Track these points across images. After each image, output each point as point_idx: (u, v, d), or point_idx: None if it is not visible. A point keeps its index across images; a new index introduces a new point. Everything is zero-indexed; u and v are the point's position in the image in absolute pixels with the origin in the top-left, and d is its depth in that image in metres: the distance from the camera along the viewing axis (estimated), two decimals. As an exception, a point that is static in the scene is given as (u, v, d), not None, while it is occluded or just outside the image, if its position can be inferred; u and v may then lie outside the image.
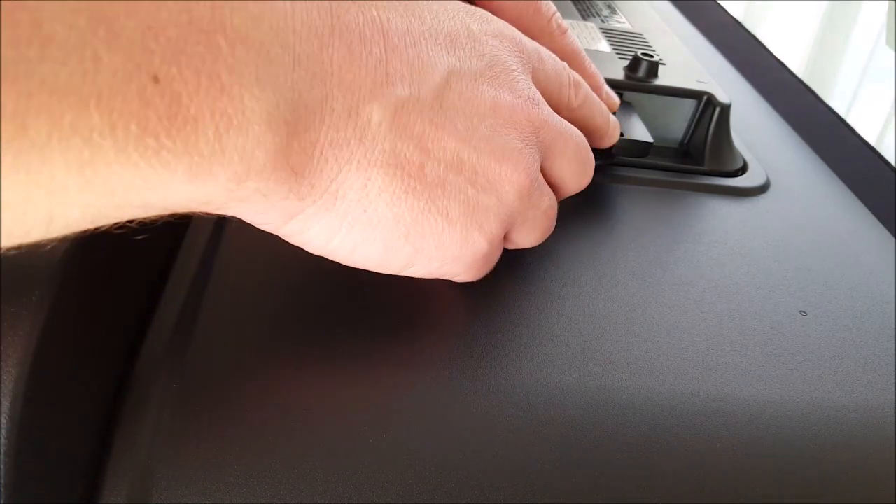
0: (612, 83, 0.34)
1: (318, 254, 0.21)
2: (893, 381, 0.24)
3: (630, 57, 0.35)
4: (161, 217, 0.17)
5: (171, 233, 0.26)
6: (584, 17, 0.43)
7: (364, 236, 0.20)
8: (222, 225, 0.26)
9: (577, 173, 0.26)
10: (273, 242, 0.24)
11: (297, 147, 0.17)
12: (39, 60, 0.12)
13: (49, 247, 0.18)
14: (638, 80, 0.34)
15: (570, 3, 0.45)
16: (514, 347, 0.23)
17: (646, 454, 0.20)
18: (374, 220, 0.20)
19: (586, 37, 0.39)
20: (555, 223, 0.25)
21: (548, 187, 0.24)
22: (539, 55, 0.25)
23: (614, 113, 0.32)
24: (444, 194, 0.21)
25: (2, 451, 0.16)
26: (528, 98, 0.23)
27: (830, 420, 0.22)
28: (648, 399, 0.22)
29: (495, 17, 0.24)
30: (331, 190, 0.19)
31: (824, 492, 0.20)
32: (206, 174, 0.16)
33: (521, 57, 0.24)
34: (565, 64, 0.26)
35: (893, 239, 0.33)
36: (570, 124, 0.25)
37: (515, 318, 0.24)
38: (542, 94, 0.24)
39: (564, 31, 0.29)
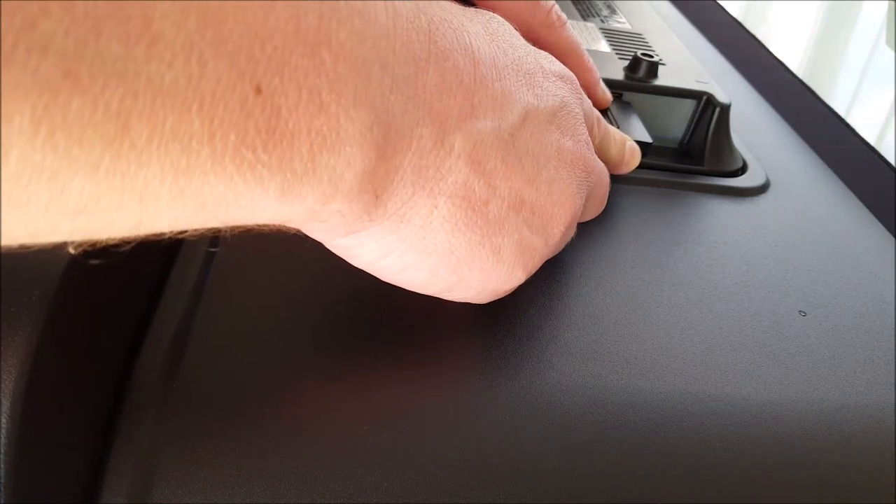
0: (612, 83, 0.34)
1: (360, 267, 0.21)
2: (893, 381, 0.24)
3: (630, 57, 0.35)
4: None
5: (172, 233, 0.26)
6: (584, 17, 0.43)
7: (415, 261, 0.20)
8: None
9: (597, 209, 0.27)
10: (273, 243, 0.24)
11: (382, 171, 0.17)
12: (146, 60, 0.12)
13: (50, 245, 0.18)
14: (638, 80, 0.34)
15: (569, 3, 0.45)
16: (515, 347, 0.23)
17: (645, 454, 0.20)
18: (431, 247, 0.20)
19: (586, 37, 0.39)
20: None
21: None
22: (584, 96, 0.25)
23: (605, 112, 0.32)
24: (500, 232, 0.21)
25: (2, 451, 0.16)
26: (585, 143, 0.23)
27: (830, 420, 0.22)
28: (648, 399, 0.22)
29: (555, 59, 0.24)
30: (399, 213, 0.19)
31: (824, 492, 0.20)
32: (296, 194, 0.15)
33: (580, 100, 0.24)
34: (591, 102, 0.27)
35: (893, 239, 0.33)
36: (603, 165, 0.26)
37: (515, 319, 0.24)
38: None
39: (564, 23, 0.29)
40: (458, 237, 0.20)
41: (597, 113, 0.27)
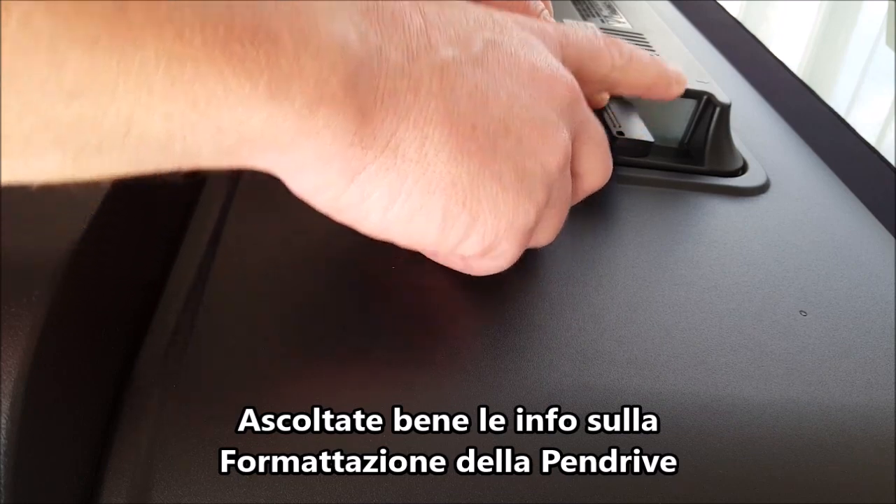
0: None
1: (374, 231, 0.21)
2: (893, 381, 0.24)
3: (630, 57, 0.35)
4: (204, 171, 0.18)
5: (172, 233, 0.26)
6: (584, 17, 0.43)
7: (423, 202, 0.20)
8: (222, 224, 0.26)
9: (602, 164, 0.26)
10: (272, 243, 0.24)
11: (362, 86, 0.18)
12: None
13: (49, 245, 0.18)
14: None
15: (569, 3, 0.45)
16: (514, 347, 0.23)
17: (645, 454, 0.20)
18: (433, 182, 0.20)
19: (586, 37, 0.39)
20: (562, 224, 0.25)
21: (570, 176, 0.24)
22: (564, 32, 0.25)
23: (605, 109, 0.32)
24: (495, 158, 0.21)
25: (2, 451, 0.16)
26: (564, 72, 0.23)
27: (830, 420, 0.22)
28: (648, 399, 0.22)
29: (512, 13, 0.25)
30: (391, 145, 0.19)
31: (824, 492, 0.20)
32: (285, 94, 0.16)
33: (545, 41, 0.24)
34: (597, 32, 0.27)
35: (893, 239, 0.33)
36: (591, 112, 0.25)
37: (515, 318, 0.24)
38: (581, 65, 0.25)
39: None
40: (457, 166, 0.20)
41: (609, 38, 0.27)
